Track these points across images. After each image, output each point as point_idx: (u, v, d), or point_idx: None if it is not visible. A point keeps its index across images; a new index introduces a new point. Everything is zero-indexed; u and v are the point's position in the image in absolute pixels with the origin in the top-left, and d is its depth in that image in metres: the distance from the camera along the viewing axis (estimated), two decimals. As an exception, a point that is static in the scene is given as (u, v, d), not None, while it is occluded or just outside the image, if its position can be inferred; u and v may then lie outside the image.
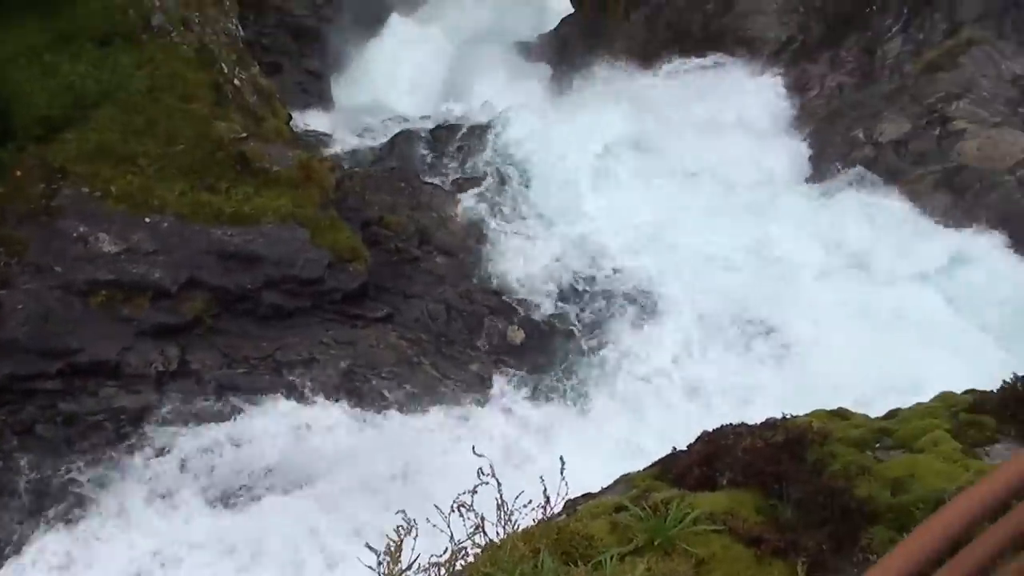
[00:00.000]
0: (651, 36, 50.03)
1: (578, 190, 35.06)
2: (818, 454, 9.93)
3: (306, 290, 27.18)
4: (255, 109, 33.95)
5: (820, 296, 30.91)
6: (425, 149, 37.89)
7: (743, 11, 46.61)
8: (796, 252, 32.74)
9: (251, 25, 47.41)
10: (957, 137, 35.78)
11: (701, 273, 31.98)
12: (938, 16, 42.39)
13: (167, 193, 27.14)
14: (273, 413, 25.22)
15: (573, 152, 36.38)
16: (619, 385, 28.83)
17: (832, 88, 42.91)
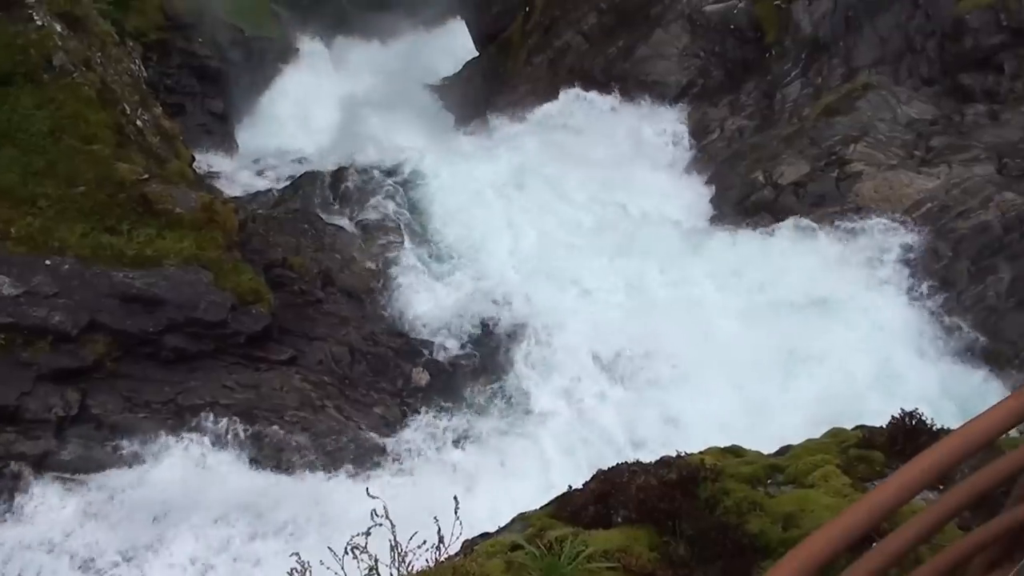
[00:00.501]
0: (553, 79, 50.38)
1: (482, 231, 35.15)
2: (711, 491, 10.05)
3: (209, 333, 26.93)
4: (158, 150, 33.75)
5: (722, 332, 31.16)
6: (329, 191, 37.79)
7: (644, 56, 47.11)
8: (696, 289, 33.03)
9: (154, 66, 47.26)
10: (854, 179, 36.25)
11: (602, 311, 32.16)
12: (835, 61, 43.13)
13: (68, 235, 26.83)
14: (175, 458, 24.95)
15: (477, 193, 36.52)
16: (521, 423, 28.88)
17: (732, 131, 43.42)
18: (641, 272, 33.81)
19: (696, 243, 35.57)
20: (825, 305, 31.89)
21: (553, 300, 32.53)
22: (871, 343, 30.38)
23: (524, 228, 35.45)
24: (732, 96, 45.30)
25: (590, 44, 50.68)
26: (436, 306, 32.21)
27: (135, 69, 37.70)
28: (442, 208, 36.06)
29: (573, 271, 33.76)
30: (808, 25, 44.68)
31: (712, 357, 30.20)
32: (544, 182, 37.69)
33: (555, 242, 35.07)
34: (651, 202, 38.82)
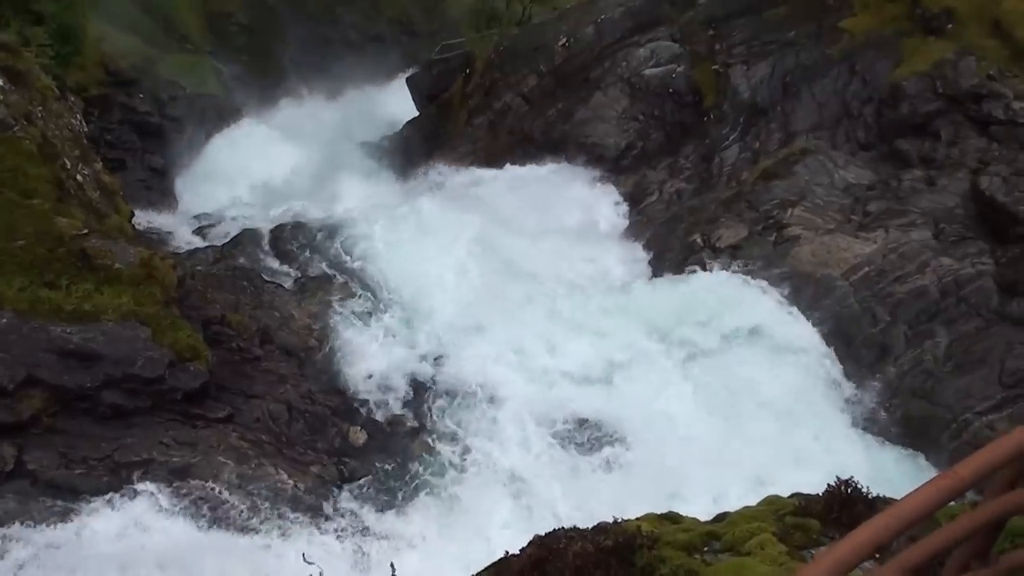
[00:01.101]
0: (493, 141, 50.70)
1: (420, 291, 35.15)
2: (647, 558, 10.08)
3: (146, 389, 26.76)
4: (98, 205, 33.64)
5: (666, 388, 31.34)
6: (268, 248, 37.76)
7: (584, 119, 47.50)
8: (635, 348, 33.15)
9: (95, 121, 47.18)
10: (792, 243, 36.59)
11: (539, 372, 32.21)
12: (773, 126, 43.63)
13: (6, 289, 26.65)
14: (111, 515, 24.73)
15: (415, 253, 36.57)
16: (458, 486, 28.80)
17: (671, 194, 43.75)
18: (579, 334, 33.91)
19: (630, 298, 35.80)
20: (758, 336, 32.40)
21: (492, 362, 32.55)
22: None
23: (462, 290, 35.46)
24: (671, 159, 45.71)
25: (530, 106, 51.04)
26: (374, 365, 32.13)
27: (76, 124, 37.61)
28: (381, 267, 36.05)
29: (513, 334, 33.78)
30: (746, 90, 45.22)
31: (655, 414, 30.38)
32: (483, 245, 37.74)
33: (494, 304, 35.10)
34: (589, 264, 39.03)
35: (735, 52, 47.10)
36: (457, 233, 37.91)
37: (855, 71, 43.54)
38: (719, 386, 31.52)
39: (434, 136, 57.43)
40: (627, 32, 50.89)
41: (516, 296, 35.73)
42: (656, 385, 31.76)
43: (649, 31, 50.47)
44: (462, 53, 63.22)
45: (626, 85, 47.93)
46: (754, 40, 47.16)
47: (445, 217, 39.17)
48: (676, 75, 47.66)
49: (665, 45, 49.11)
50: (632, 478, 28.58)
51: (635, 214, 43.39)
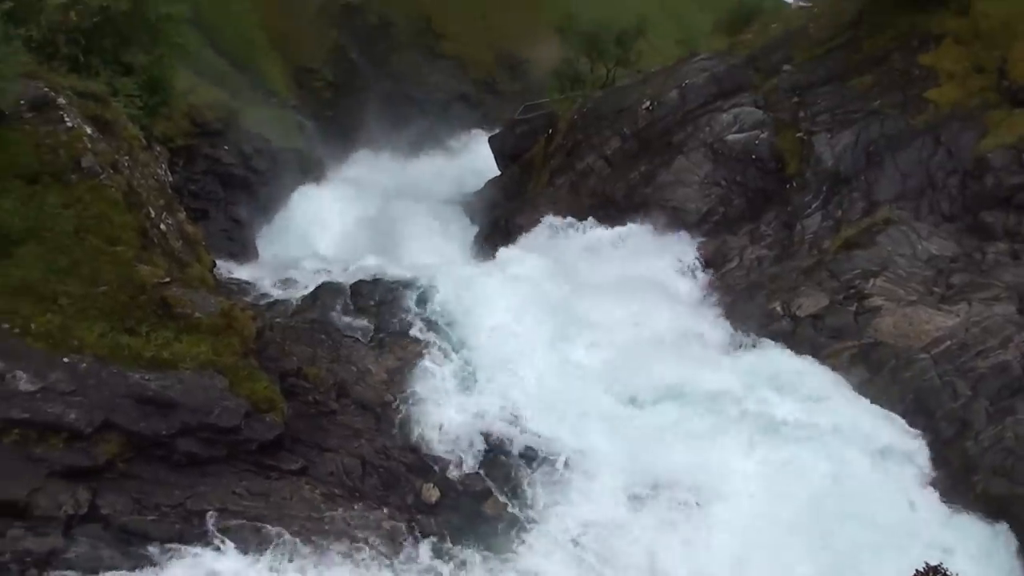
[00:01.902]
0: (575, 201, 50.69)
1: (501, 350, 35.05)
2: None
3: (222, 439, 26.81)
4: (180, 255, 33.90)
5: (742, 461, 30.97)
6: (347, 302, 37.80)
7: (666, 182, 47.41)
8: (719, 415, 32.82)
9: (180, 171, 47.71)
10: (873, 314, 36.26)
11: (622, 436, 31.92)
12: (856, 195, 43.31)
13: (87, 334, 26.86)
14: (182, 563, 24.77)
15: (496, 312, 36.48)
16: (533, 551, 28.60)
17: (751, 260, 43.48)
18: (655, 398, 33.65)
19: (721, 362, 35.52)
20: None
21: (571, 425, 32.35)
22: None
23: (545, 349, 35.34)
24: (752, 225, 45.45)
25: (612, 168, 51.02)
26: (451, 422, 32.01)
27: (161, 174, 37.96)
28: (462, 325, 36.00)
29: (589, 395, 33.60)
30: (829, 158, 44.97)
31: (736, 488, 30.07)
32: (565, 305, 37.66)
33: (575, 366, 34.93)
34: (668, 328, 38.76)
35: (819, 120, 46.89)
36: (536, 291, 37.85)
37: (940, 142, 43.23)
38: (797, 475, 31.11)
39: (515, 195, 57.54)
40: (711, 97, 50.83)
41: (594, 357, 35.53)
42: (730, 453, 31.45)
43: (733, 97, 50.41)
44: (545, 114, 63.39)
45: (709, 150, 47.82)
46: (838, 108, 46.95)
47: (525, 275, 39.12)
48: (759, 141, 47.50)
49: (749, 111, 48.99)
50: (707, 545, 28.31)
51: (715, 280, 43.15)
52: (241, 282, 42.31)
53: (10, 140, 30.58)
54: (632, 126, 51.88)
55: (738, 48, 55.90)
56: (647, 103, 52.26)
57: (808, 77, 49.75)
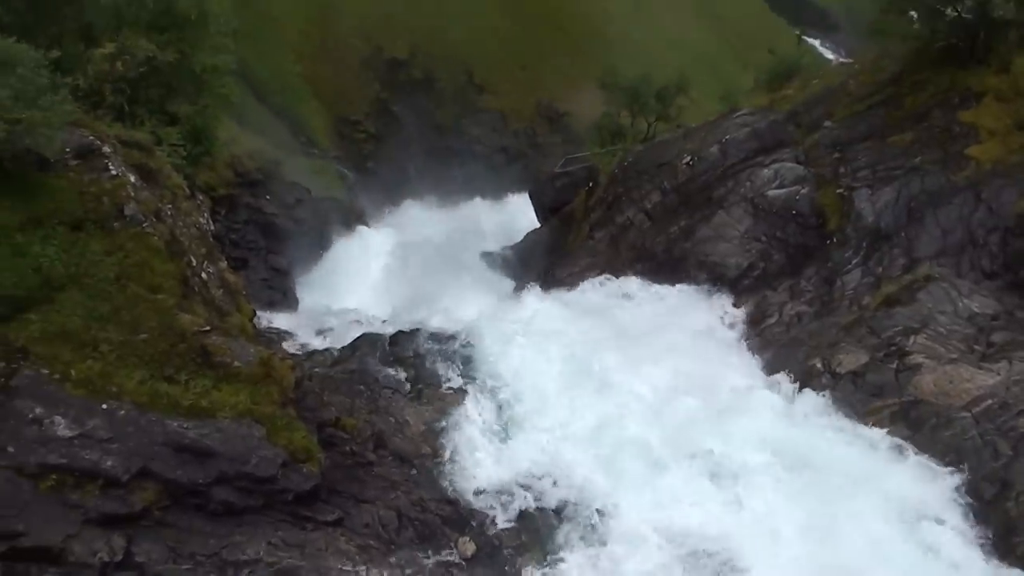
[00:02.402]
0: (614, 255, 50.70)
1: (539, 403, 35.01)
2: None
3: (258, 488, 26.81)
4: (220, 303, 34.07)
5: (783, 525, 30.76)
6: (386, 354, 37.92)
7: (706, 237, 47.35)
8: (758, 473, 32.60)
9: (222, 220, 48.01)
10: (914, 371, 36.00)
11: (660, 494, 31.76)
12: (897, 251, 43.10)
13: (126, 381, 26.96)
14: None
15: (535, 365, 36.47)
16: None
17: (791, 316, 43.29)
18: (705, 454, 33.43)
19: (755, 424, 35.28)
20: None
21: (605, 477, 32.25)
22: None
23: (584, 403, 35.26)
24: (792, 281, 45.28)
25: (652, 222, 51.04)
26: (487, 476, 31.99)
27: (203, 222, 38.23)
28: (501, 378, 36.00)
29: (626, 449, 33.47)
30: (870, 214, 44.82)
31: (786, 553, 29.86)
32: (605, 359, 37.59)
33: (613, 422, 34.79)
34: (706, 384, 38.59)
35: (860, 176, 46.79)
36: (575, 346, 37.83)
37: (981, 199, 43.02)
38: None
39: (555, 248, 57.63)
40: (751, 153, 50.82)
41: (636, 415, 35.38)
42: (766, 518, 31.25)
43: (774, 152, 50.37)
44: (586, 167, 63.65)
45: (749, 205, 47.77)
46: (879, 165, 46.82)
47: (564, 330, 39.12)
48: (800, 197, 47.43)
49: (790, 167, 48.93)
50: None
51: (754, 335, 43.00)
52: (281, 331, 42.50)
53: (55, 187, 30.86)
54: (672, 180, 51.91)
55: (779, 104, 55.91)
56: (688, 158, 52.30)
57: (849, 133, 49.66)
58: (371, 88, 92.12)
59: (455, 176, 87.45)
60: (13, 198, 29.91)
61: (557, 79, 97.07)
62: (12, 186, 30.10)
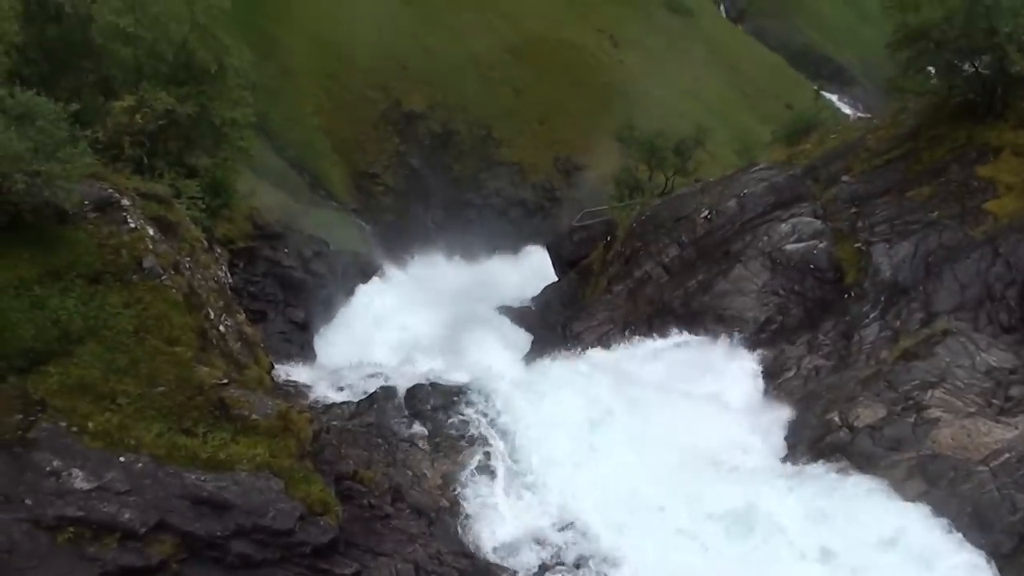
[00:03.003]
0: (632, 308, 50.72)
1: (555, 457, 34.97)
2: None
3: (276, 541, 26.73)
4: (238, 356, 34.12)
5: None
6: (404, 406, 37.90)
7: (723, 291, 47.36)
8: (774, 534, 32.44)
9: (240, 272, 48.11)
10: (932, 425, 35.87)
11: (679, 554, 31.59)
12: (915, 305, 43.05)
13: (144, 433, 26.99)
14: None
15: (554, 421, 36.42)
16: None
17: (809, 370, 43.22)
18: (722, 513, 33.27)
19: (772, 484, 35.09)
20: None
21: (625, 536, 32.13)
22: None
23: (601, 461, 35.18)
24: (810, 335, 45.22)
25: (670, 276, 51.08)
26: (505, 530, 31.92)
27: (222, 275, 38.36)
28: (519, 433, 35.96)
29: (648, 508, 33.36)
30: (888, 268, 44.81)
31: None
32: (622, 415, 37.51)
33: (632, 476, 34.70)
34: (723, 439, 38.50)
35: (878, 230, 46.81)
36: (591, 400, 37.77)
37: (999, 253, 43.00)
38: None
39: (573, 301, 57.70)
40: (769, 207, 50.90)
41: (652, 469, 35.29)
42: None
43: (792, 207, 50.45)
44: (604, 221, 63.71)
45: (767, 259, 47.79)
46: (897, 219, 46.85)
47: (583, 385, 39.06)
48: (818, 251, 47.45)
49: (807, 221, 48.99)
50: None
51: (771, 389, 42.90)
52: (298, 384, 42.48)
53: (74, 240, 31.01)
54: (690, 234, 52.01)
55: (797, 158, 56.06)
56: (706, 212, 52.41)
57: (867, 188, 49.73)
58: (390, 141, 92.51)
59: (473, 229, 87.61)
60: (32, 250, 30.07)
61: (575, 133, 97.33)
62: (31, 238, 30.26)
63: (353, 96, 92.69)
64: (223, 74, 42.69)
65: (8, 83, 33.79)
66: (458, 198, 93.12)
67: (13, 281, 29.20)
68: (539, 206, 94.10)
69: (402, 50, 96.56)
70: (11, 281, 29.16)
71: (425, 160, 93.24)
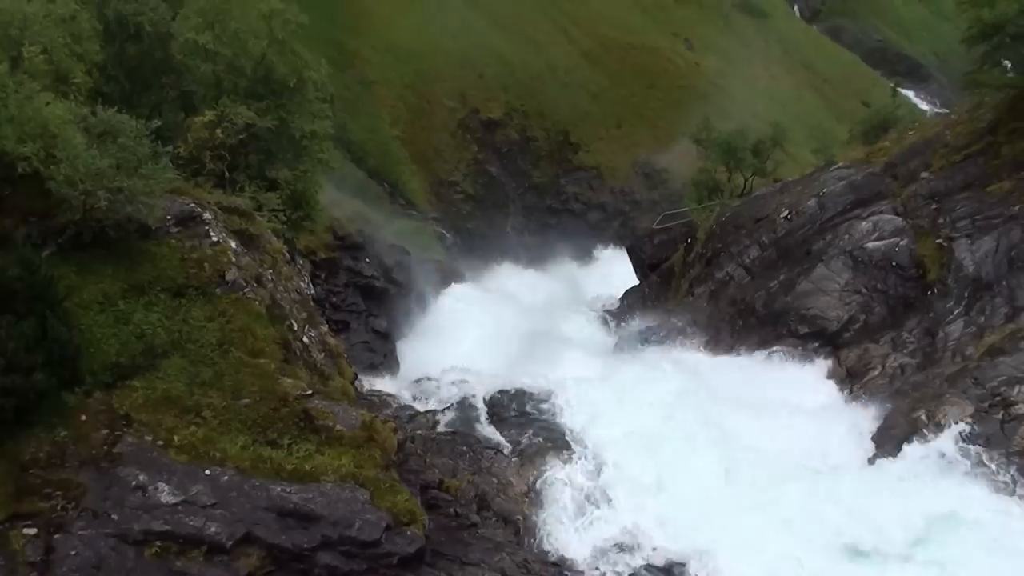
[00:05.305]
0: (715, 311, 50.50)
1: (640, 464, 34.86)
2: None
3: (362, 552, 26.78)
4: (322, 367, 34.26)
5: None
6: (488, 414, 37.97)
7: (806, 291, 47.00)
8: (868, 540, 32.15)
9: (322, 283, 48.37)
10: (1019, 422, 35.50)
11: (769, 562, 31.34)
12: (999, 300, 42.48)
13: (229, 446, 27.17)
14: None
15: (636, 427, 36.31)
16: None
17: (894, 369, 42.83)
18: (816, 521, 33.02)
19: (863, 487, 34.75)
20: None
21: (710, 543, 31.93)
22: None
23: (684, 467, 35.01)
24: (894, 333, 44.79)
25: (751, 277, 50.77)
26: (592, 537, 31.85)
27: (304, 287, 38.55)
28: (602, 439, 35.88)
29: (734, 512, 33.15)
30: (970, 264, 44.24)
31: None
32: (706, 419, 37.36)
33: (715, 481, 34.53)
34: (807, 440, 38.23)
35: (959, 226, 46.22)
36: (679, 407, 37.65)
37: (1082, 246, 42.52)
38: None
39: (654, 305, 57.49)
40: (849, 206, 50.40)
41: (736, 474, 35.07)
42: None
43: (872, 204, 49.94)
44: (684, 223, 63.46)
45: (848, 258, 47.35)
46: (978, 214, 46.22)
47: (666, 391, 38.93)
48: (899, 249, 46.95)
49: (888, 219, 48.49)
50: None
51: (857, 388, 42.55)
52: (382, 394, 42.61)
53: (157, 255, 31.28)
54: (771, 235, 51.64)
55: (875, 156, 55.43)
56: (785, 212, 52.02)
57: (946, 183, 49.12)
58: (468, 149, 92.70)
59: (553, 234, 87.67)
60: (115, 266, 30.37)
61: (652, 136, 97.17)
62: (115, 254, 30.58)
63: (431, 105, 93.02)
64: (302, 87, 42.89)
65: (90, 101, 34.22)
66: (537, 204, 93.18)
67: (98, 296, 29.53)
68: (619, 210, 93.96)
69: (478, 59, 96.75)
70: (96, 297, 29.49)
71: (503, 167, 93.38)
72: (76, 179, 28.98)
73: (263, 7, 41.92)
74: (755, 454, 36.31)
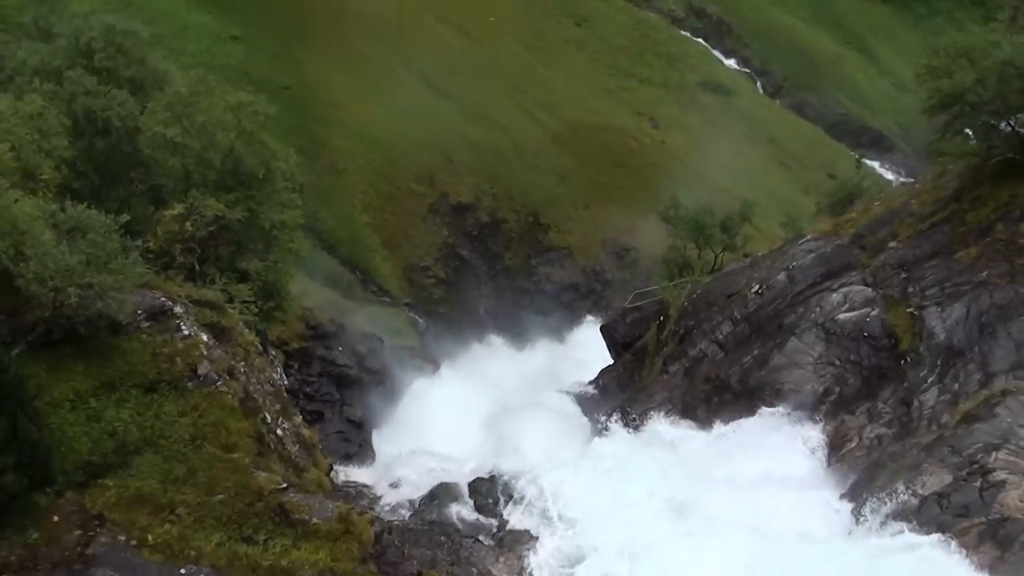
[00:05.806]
0: (690, 388, 50.52)
1: (624, 547, 34.75)
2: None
3: (341, 646, 26.72)
4: (296, 459, 34.14)
5: None
6: (465, 501, 37.89)
7: (779, 365, 47.08)
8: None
9: (295, 373, 48.30)
10: (998, 488, 35.54)
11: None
12: (972, 367, 42.62)
13: (204, 543, 27.01)
14: None
15: (616, 509, 36.24)
16: None
17: (871, 439, 42.89)
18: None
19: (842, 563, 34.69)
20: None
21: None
22: None
23: (666, 544, 34.94)
24: (869, 404, 44.86)
25: (725, 353, 50.85)
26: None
27: (277, 378, 38.47)
28: (582, 522, 35.80)
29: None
30: (942, 331, 44.41)
31: None
32: (683, 497, 37.35)
33: (695, 563, 34.42)
34: (786, 515, 38.19)
35: (929, 294, 46.44)
36: (657, 487, 37.60)
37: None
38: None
39: (629, 384, 57.49)
40: (819, 278, 50.67)
41: (715, 553, 34.97)
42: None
43: (841, 276, 50.19)
44: (656, 301, 63.59)
45: (820, 330, 47.50)
46: (947, 282, 46.46)
47: (643, 470, 38.90)
48: (870, 319, 47.14)
49: (858, 289, 48.72)
50: None
51: (834, 461, 42.57)
52: (358, 484, 42.50)
53: (128, 350, 31.26)
54: (742, 310, 51.81)
55: (843, 228, 55.79)
56: (756, 287, 52.23)
57: (914, 252, 49.42)
58: (439, 233, 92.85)
59: (526, 316, 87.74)
60: (86, 362, 30.33)
61: (621, 214, 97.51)
62: (85, 350, 30.56)
63: (400, 191, 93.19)
64: (271, 178, 43.01)
65: (59, 197, 34.30)
66: (509, 285, 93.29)
67: (69, 394, 29.47)
68: (590, 289, 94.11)
69: (447, 143, 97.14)
70: (67, 395, 29.43)
71: (474, 250, 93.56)
72: (46, 276, 29.00)
73: (231, 99, 42.14)
74: (733, 528, 36.25)
